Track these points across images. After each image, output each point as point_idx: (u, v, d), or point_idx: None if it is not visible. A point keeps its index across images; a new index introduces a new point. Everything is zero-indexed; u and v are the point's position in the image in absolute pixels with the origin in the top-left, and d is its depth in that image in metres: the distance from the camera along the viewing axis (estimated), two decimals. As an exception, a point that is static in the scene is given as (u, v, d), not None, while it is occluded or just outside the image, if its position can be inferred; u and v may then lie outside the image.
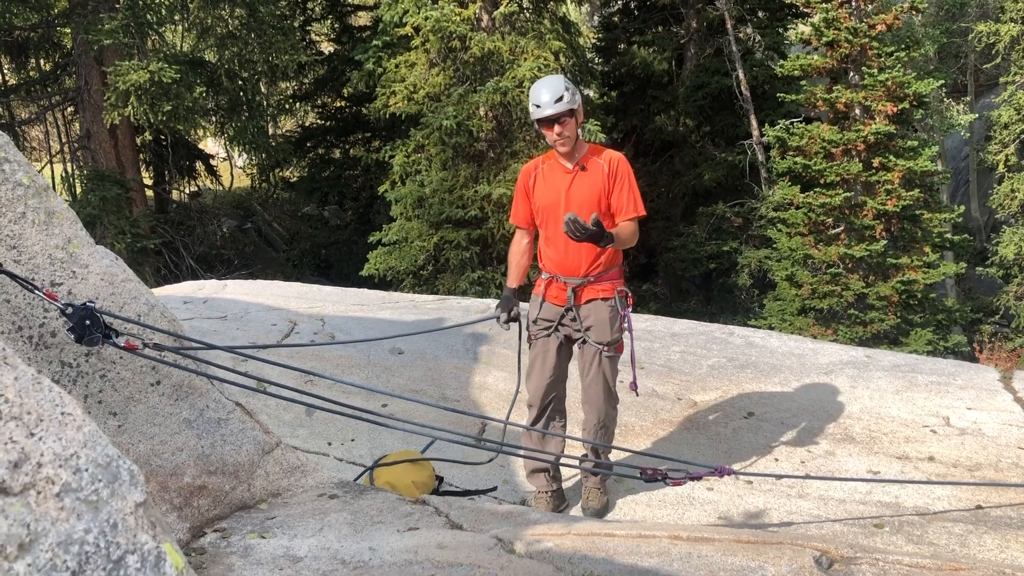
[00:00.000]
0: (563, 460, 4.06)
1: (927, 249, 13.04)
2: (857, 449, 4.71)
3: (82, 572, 0.97)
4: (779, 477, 4.35)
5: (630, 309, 3.93)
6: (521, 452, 4.05)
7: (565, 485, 4.33)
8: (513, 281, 4.19)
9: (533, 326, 4.01)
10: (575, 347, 4.02)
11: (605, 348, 3.86)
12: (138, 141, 18.61)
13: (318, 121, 22.74)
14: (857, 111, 13.25)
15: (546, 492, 4.08)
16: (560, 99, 3.68)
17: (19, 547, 0.94)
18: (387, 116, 15.63)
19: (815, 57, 13.70)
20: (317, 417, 4.92)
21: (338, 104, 21.93)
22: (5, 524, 0.94)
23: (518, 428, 4.25)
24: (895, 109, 12.72)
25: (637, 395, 4.25)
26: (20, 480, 0.99)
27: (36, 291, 2.83)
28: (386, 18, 15.11)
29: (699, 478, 3.67)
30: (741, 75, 17.30)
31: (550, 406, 4.01)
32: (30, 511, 0.97)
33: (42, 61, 18.70)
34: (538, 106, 3.71)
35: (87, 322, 2.84)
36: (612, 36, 20.84)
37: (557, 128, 3.75)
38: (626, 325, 3.90)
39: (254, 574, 2.61)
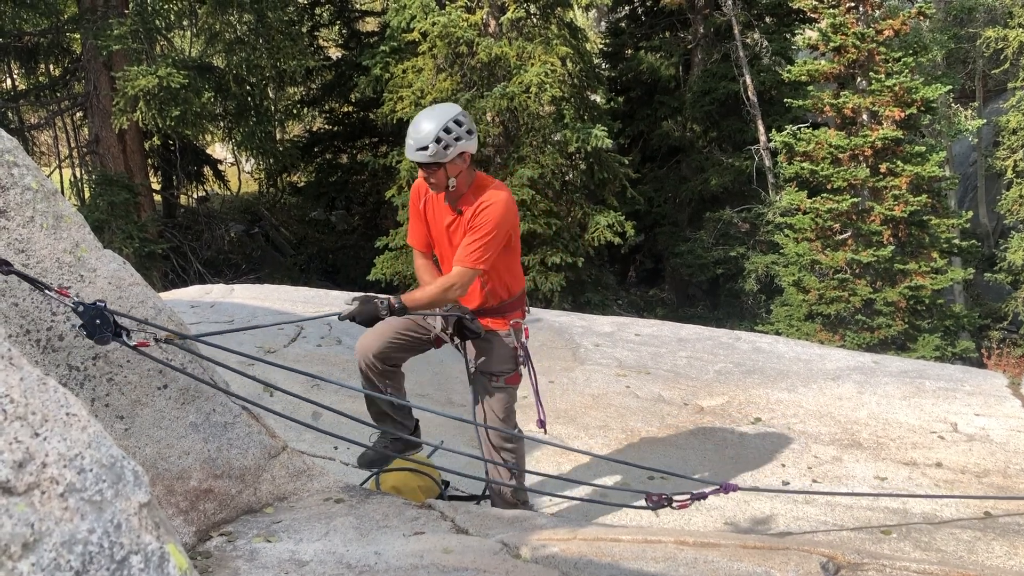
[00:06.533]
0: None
1: (935, 255, 13.00)
2: (864, 455, 4.69)
3: (86, 572, 0.97)
4: (785, 492, 4.34)
5: (527, 341, 3.67)
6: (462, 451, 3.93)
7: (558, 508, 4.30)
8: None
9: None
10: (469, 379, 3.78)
11: (494, 379, 3.63)
12: (146, 146, 18.68)
13: (325, 126, 22.79)
14: (864, 116, 13.22)
15: (393, 438, 3.72)
16: (424, 149, 3.26)
17: (23, 546, 0.94)
18: (394, 121, 15.65)
19: (822, 62, 13.68)
20: (323, 421, 4.92)
21: (345, 109, 21.97)
22: (9, 524, 0.94)
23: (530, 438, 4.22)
24: (903, 114, 12.70)
25: (544, 432, 3.84)
26: (25, 480, 0.99)
27: (48, 290, 2.84)
28: (393, 24, 15.15)
29: (704, 497, 3.58)
30: (748, 80, 17.28)
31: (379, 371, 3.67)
32: (34, 511, 0.97)
33: (51, 66, 18.80)
34: (408, 142, 3.33)
35: (97, 320, 2.85)
36: (619, 41, 20.85)
37: (423, 172, 3.39)
38: (521, 358, 3.62)
39: (259, 577, 2.61)
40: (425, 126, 3.26)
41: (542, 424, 3.73)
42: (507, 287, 3.62)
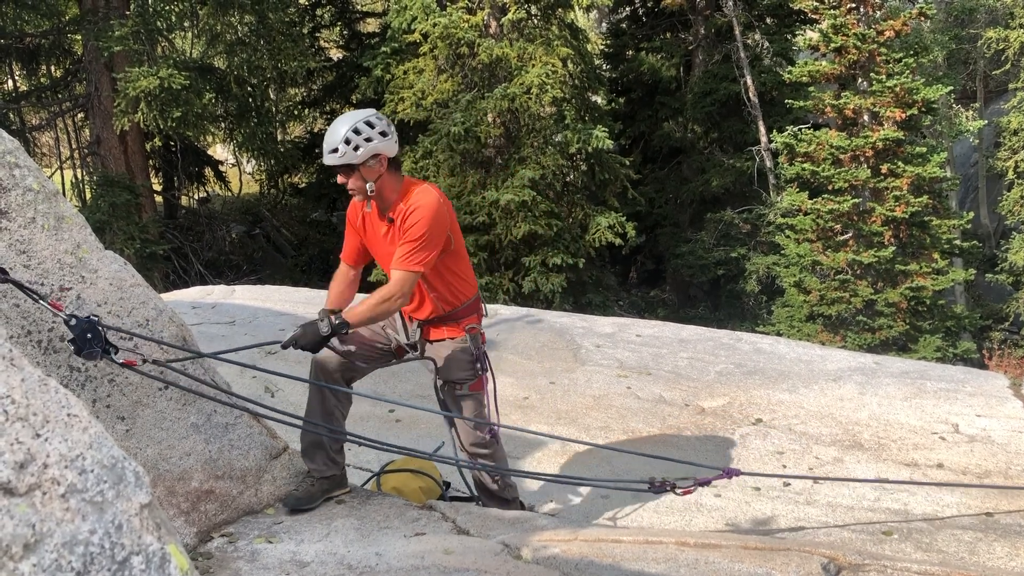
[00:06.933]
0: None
1: (936, 255, 13.00)
2: (866, 456, 4.69)
3: (87, 573, 0.97)
4: (787, 479, 4.33)
5: (484, 347, 3.58)
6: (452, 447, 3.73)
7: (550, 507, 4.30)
8: (328, 303, 3.52)
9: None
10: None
11: (457, 387, 3.55)
12: (147, 147, 18.69)
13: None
14: (865, 117, 13.22)
15: (320, 477, 3.48)
16: (335, 151, 3.21)
17: (24, 547, 0.94)
18: (395, 122, 15.65)
19: (823, 63, 13.68)
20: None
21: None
22: (11, 524, 0.94)
23: (516, 431, 4.22)
24: (903, 115, 12.70)
25: (498, 443, 3.71)
26: (26, 481, 0.99)
27: (41, 301, 2.82)
28: (394, 25, 15.16)
29: (708, 483, 3.56)
30: (749, 81, 17.28)
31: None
32: (35, 512, 0.97)
33: (53, 68, 18.81)
34: (324, 148, 3.28)
35: (89, 335, 2.80)
36: (620, 42, 20.85)
37: (340, 179, 3.33)
38: (479, 365, 3.54)
39: (260, 578, 2.61)
40: (336, 128, 3.21)
41: (493, 436, 3.62)
42: (457, 293, 3.51)
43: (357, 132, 3.18)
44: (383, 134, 3.23)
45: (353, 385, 3.62)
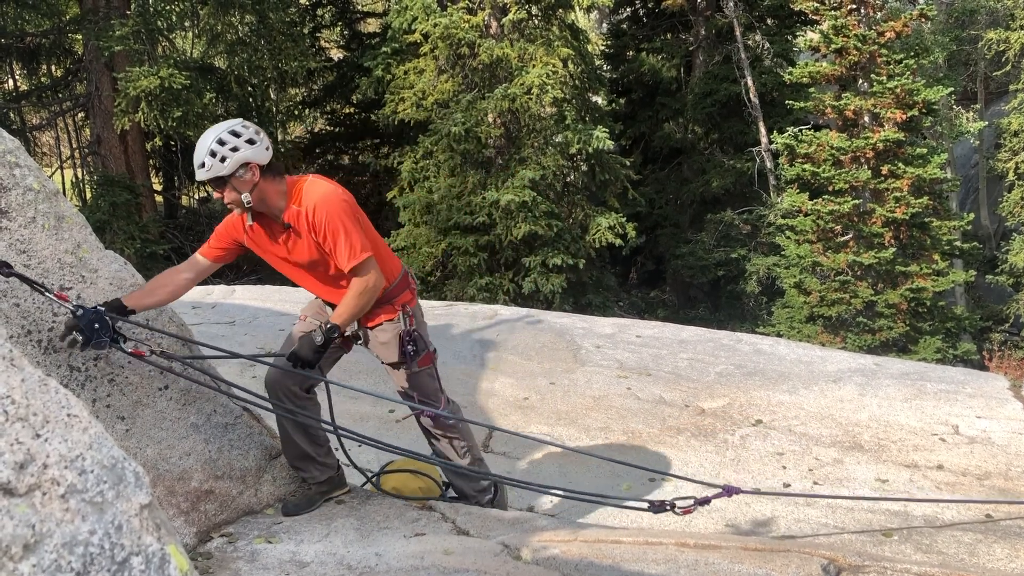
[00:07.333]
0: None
1: (936, 257, 13.01)
2: (865, 457, 4.69)
3: (86, 573, 0.97)
4: (786, 496, 4.33)
5: (413, 325, 3.44)
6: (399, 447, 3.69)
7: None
8: (132, 298, 3.13)
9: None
10: None
11: (404, 367, 3.47)
12: (148, 147, 18.70)
13: (327, 127, 22.81)
14: (866, 118, 13.23)
15: (315, 482, 3.49)
16: (202, 166, 3.08)
17: (24, 548, 0.94)
18: (396, 122, 15.67)
19: (824, 64, 13.69)
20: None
21: (347, 110, 21.99)
22: (11, 525, 0.94)
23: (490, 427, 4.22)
24: (904, 116, 12.71)
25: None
26: (26, 481, 0.99)
27: (47, 293, 2.85)
28: (395, 25, 15.16)
29: (707, 501, 3.52)
30: (750, 82, 17.29)
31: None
32: (35, 512, 0.97)
33: (53, 67, 18.83)
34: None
35: (96, 325, 2.85)
36: (621, 43, 20.86)
37: (216, 194, 3.19)
38: (410, 346, 3.42)
39: (260, 579, 2.61)
40: (201, 142, 3.10)
41: (427, 414, 3.56)
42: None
43: (222, 143, 3.06)
44: (250, 142, 3.11)
45: (359, 383, 3.62)
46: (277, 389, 3.37)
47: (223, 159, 3.06)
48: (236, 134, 3.10)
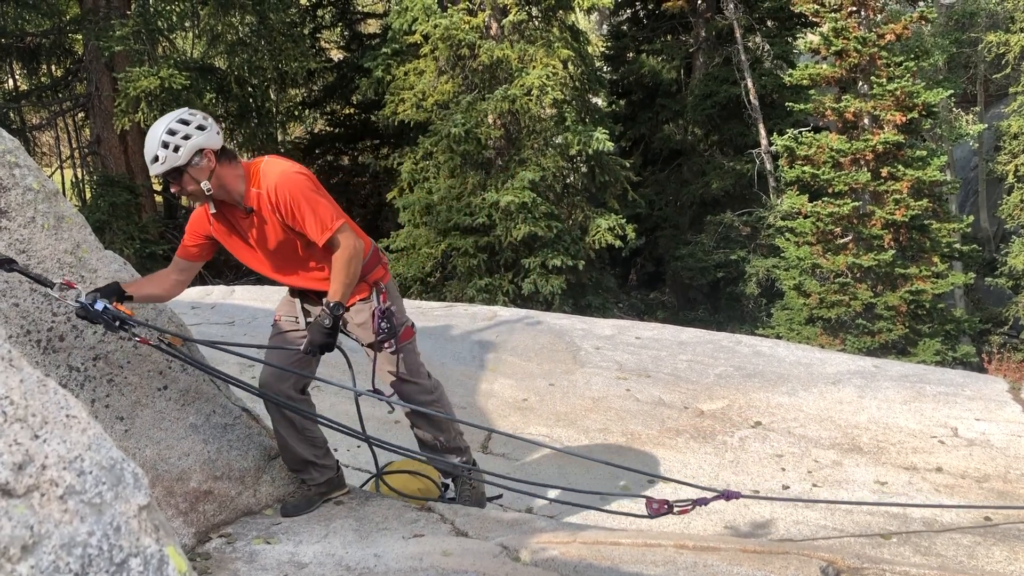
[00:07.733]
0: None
1: (935, 259, 13.01)
2: (864, 459, 4.69)
3: (85, 575, 0.97)
4: (784, 501, 4.33)
5: (386, 302, 3.39)
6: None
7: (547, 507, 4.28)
8: (130, 285, 3.15)
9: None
10: None
11: (383, 347, 3.41)
12: (148, 147, 18.69)
13: (327, 128, 22.82)
14: (866, 120, 13.24)
15: (314, 484, 3.47)
16: (156, 159, 3.03)
17: (22, 549, 0.94)
18: (396, 123, 15.67)
19: (824, 66, 13.70)
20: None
21: (347, 111, 21.99)
22: (9, 526, 0.94)
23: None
24: (904, 119, 12.71)
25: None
26: (24, 482, 0.99)
27: (54, 280, 2.87)
28: (395, 26, 15.17)
29: (705, 503, 3.54)
30: (750, 84, 17.29)
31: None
32: (34, 513, 0.97)
33: (53, 67, 18.83)
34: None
35: (100, 307, 2.87)
36: (621, 45, 20.87)
37: (173, 188, 3.12)
38: (383, 323, 3.36)
39: (258, 579, 2.61)
40: (151, 136, 3.06)
41: (384, 397, 3.52)
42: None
43: (172, 133, 3.03)
44: (200, 128, 3.08)
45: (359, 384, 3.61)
46: (272, 392, 3.35)
47: (176, 148, 3.02)
48: (185, 122, 3.07)
